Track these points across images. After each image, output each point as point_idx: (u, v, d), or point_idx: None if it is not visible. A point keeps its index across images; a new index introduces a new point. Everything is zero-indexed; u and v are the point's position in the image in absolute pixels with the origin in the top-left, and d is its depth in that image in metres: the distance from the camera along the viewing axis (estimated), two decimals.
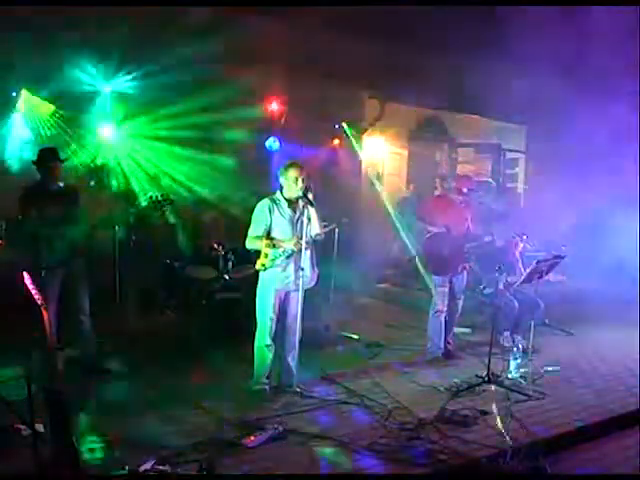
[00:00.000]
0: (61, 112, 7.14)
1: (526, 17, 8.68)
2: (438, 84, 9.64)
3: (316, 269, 5.22)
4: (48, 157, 5.36)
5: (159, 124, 7.62)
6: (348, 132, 9.90)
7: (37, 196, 5.27)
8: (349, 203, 9.52)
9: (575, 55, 9.11)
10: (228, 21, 7.71)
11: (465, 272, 6.35)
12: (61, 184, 5.43)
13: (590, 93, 10.03)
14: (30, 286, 3.74)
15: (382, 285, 9.88)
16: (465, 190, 6.23)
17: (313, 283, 5.20)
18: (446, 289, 6.22)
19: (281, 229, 5.04)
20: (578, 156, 10.49)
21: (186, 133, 7.71)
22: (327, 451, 4.16)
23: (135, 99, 7.50)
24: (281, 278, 5.02)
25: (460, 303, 6.41)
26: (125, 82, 7.36)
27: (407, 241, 9.22)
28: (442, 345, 6.28)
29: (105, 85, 7.38)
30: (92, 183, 7.29)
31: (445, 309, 6.24)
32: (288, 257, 4.99)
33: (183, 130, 7.67)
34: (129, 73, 7.25)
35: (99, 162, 7.57)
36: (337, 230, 6.77)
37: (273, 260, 4.97)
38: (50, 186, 5.35)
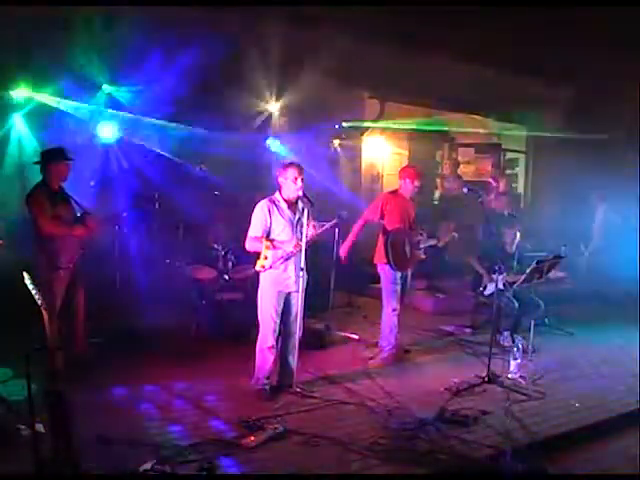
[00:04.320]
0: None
1: (524, 16, 8.68)
2: (438, 84, 9.64)
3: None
4: (56, 157, 5.33)
5: (158, 124, 7.62)
6: (348, 132, 9.89)
7: (48, 196, 5.26)
8: (349, 203, 9.51)
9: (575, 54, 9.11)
10: (228, 21, 7.71)
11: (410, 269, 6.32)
12: (63, 184, 5.44)
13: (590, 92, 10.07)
14: (30, 286, 3.74)
15: None
16: (409, 182, 6.15)
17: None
18: (399, 287, 6.14)
19: (281, 230, 5.03)
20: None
21: (186, 133, 7.71)
22: (327, 451, 4.16)
23: (134, 99, 7.50)
24: (282, 279, 5.02)
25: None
26: (125, 82, 7.36)
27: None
28: (394, 342, 6.19)
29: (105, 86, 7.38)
30: (92, 183, 7.28)
31: (399, 307, 6.17)
32: (288, 258, 5.00)
33: (183, 130, 7.67)
34: (129, 73, 7.25)
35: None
36: (337, 230, 6.77)
37: (273, 262, 4.96)
38: (57, 186, 5.36)
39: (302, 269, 4.95)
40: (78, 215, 5.48)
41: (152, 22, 6.74)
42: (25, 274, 3.69)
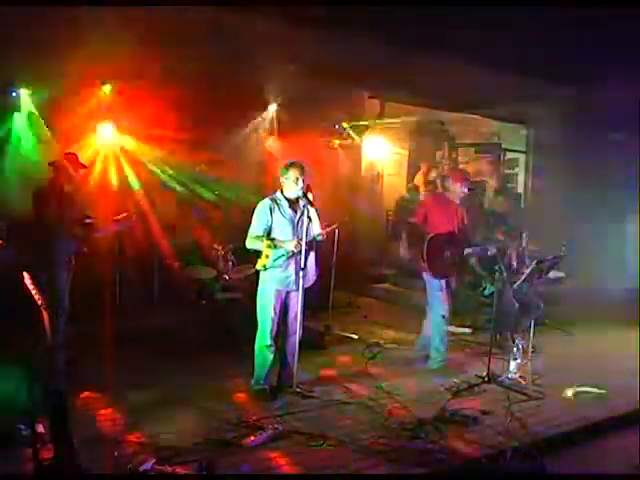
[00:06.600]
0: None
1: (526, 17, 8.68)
2: (438, 84, 9.64)
3: (317, 269, 5.24)
4: (72, 162, 5.59)
5: (158, 124, 7.61)
6: (348, 132, 9.89)
7: (56, 195, 5.46)
8: (349, 203, 9.52)
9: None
10: (229, 21, 7.70)
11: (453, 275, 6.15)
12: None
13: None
14: (30, 286, 3.74)
15: (382, 285, 9.88)
16: (460, 186, 6.07)
17: (311, 283, 5.21)
18: (443, 293, 6.02)
19: (282, 229, 5.03)
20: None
21: (186, 133, 7.70)
22: (327, 451, 4.16)
23: (133, 99, 7.49)
24: (282, 278, 5.02)
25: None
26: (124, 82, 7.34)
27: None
28: (445, 352, 6.01)
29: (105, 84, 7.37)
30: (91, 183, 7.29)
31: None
32: (289, 257, 5.00)
33: (183, 130, 7.66)
34: (128, 72, 7.23)
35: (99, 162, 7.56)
36: (337, 230, 6.78)
37: (274, 260, 4.97)
38: (66, 188, 5.55)
39: (302, 268, 4.94)
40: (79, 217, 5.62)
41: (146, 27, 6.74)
42: (25, 274, 3.70)
